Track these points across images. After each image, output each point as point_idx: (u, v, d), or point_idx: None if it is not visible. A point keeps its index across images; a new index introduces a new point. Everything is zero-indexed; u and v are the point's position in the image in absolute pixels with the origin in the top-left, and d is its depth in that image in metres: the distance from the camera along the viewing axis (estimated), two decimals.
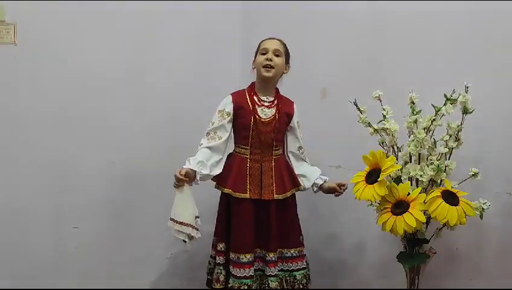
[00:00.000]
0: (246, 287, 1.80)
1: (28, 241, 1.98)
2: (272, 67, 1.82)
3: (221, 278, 1.86)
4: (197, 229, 1.75)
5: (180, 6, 2.27)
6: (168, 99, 2.29)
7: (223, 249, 1.87)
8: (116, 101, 2.14)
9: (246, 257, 1.82)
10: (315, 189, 1.93)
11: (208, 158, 1.81)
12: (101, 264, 2.16)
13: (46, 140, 1.99)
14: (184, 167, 1.75)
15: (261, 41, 1.89)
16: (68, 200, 2.05)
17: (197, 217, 1.75)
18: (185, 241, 1.75)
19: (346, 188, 1.85)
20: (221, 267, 1.87)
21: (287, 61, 1.90)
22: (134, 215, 2.24)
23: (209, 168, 1.80)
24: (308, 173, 1.93)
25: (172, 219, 1.75)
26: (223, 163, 1.88)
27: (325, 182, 1.91)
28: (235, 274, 1.82)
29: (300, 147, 1.94)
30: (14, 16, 1.87)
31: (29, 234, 1.98)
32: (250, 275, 1.82)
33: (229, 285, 1.83)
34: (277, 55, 1.84)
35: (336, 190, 1.88)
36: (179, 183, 1.74)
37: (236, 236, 1.84)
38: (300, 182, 1.92)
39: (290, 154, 1.94)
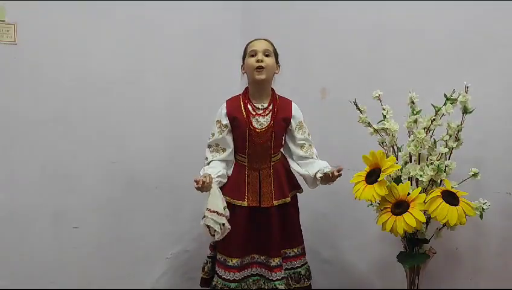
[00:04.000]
0: None
1: (28, 241, 1.98)
2: (263, 68, 1.77)
3: (206, 268, 1.94)
4: (228, 219, 1.72)
5: (180, 6, 2.28)
6: (168, 99, 2.29)
7: (212, 243, 1.93)
8: (116, 101, 2.14)
9: (232, 261, 1.82)
10: (319, 176, 1.81)
11: (223, 167, 1.83)
12: (101, 264, 2.16)
13: (46, 140, 1.99)
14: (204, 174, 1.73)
15: (248, 44, 1.84)
16: (68, 200, 2.05)
17: (225, 207, 1.74)
18: (212, 234, 1.70)
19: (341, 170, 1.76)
20: (209, 259, 1.93)
21: (277, 61, 1.85)
22: (134, 215, 2.24)
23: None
24: (315, 163, 1.85)
25: (209, 209, 1.68)
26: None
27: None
28: (220, 274, 1.83)
29: (302, 145, 1.86)
30: (14, 15, 1.87)
31: (29, 234, 1.98)
32: (235, 279, 1.81)
33: (213, 283, 1.86)
34: (267, 55, 1.79)
35: (332, 174, 1.77)
36: (203, 188, 1.68)
37: (226, 239, 1.79)
38: (308, 173, 1.84)
39: (290, 155, 1.90)
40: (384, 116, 1.69)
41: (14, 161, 1.93)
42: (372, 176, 1.61)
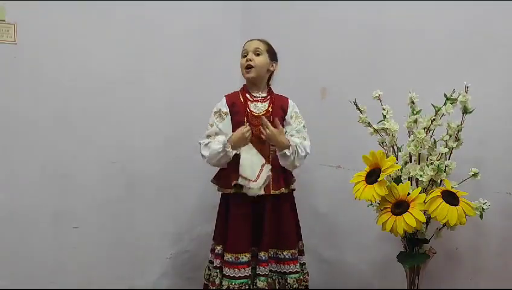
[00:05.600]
0: (246, 287, 1.80)
1: (28, 241, 1.97)
2: (251, 67, 1.83)
3: (217, 281, 1.87)
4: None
5: (180, 6, 2.28)
6: (168, 99, 2.29)
7: (220, 251, 1.88)
8: (116, 101, 2.14)
9: (245, 256, 1.82)
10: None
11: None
12: (101, 264, 2.16)
13: (46, 140, 1.99)
14: (227, 140, 1.78)
15: (243, 45, 1.91)
16: (68, 200, 2.05)
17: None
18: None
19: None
20: (218, 271, 1.87)
21: (273, 59, 1.89)
22: (134, 216, 2.24)
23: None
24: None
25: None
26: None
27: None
28: (231, 275, 1.81)
29: (297, 131, 1.88)
30: (14, 15, 1.87)
31: (29, 234, 1.98)
32: (246, 275, 1.81)
33: (224, 287, 1.82)
34: (258, 54, 1.85)
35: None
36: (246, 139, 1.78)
37: (234, 236, 1.84)
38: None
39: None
40: (384, 116, 1.69)
41: (14, 161, 1.93)
42: (372, 176, 1.61)
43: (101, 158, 2.12)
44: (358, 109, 1.75)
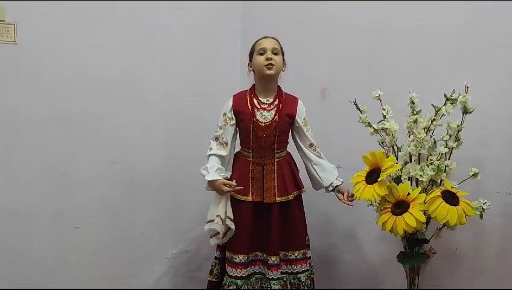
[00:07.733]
0: (234, 287, 1.82)
1: (28, 241, 1.98)
2: (273, 65, 1.80)
3: (215, 271, 1.93)
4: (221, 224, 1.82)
5: (180, 6, 2.28)
6: (168, 99, 2.29)
7: (220, 243, 1.91)
8: (116, 101, 2.14)
9: (238, 257, 1.83)
10: (330, 189, 1.88)
11: (219, 163, 1.84)
12: (101, 264, 2.16)
13: (46, 140, 1.99)
14: (207, 178, 1.78)
15: (256, 42, 1.86)
16: (68, 200, 2.05)
17: (220, 216, 1.82)
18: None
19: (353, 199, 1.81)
20: (217, 261, 1.92)
21: (283, 60, 1.88)
22: (134, 216, 2.24)
23: (225, 171, 1.86)
24: (328, 171, 1.88)
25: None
26: (231, 164, 1.90)
27: (341, 183, 1.87)
28: (228, 273, 1.84)
29: (311, 145, 1.89)
30: (14, 15, 1.87)
31: (29, 234, 1.98)
32: (241, 275, 1.83)
33: (223, 282, 1.87)
34: (275, 54, 1.82)
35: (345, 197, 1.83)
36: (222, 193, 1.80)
37: (233, 236, 1.85)
38: (320, 180, 1.88)
39: (303, 155, 1.91)
40: (384, 116, 1.69)
41: (14, 161, 1.93)
42: (372, 176, 1.61)
43: (101, 158, 2.12)
44: (358, 109, 1.75)
